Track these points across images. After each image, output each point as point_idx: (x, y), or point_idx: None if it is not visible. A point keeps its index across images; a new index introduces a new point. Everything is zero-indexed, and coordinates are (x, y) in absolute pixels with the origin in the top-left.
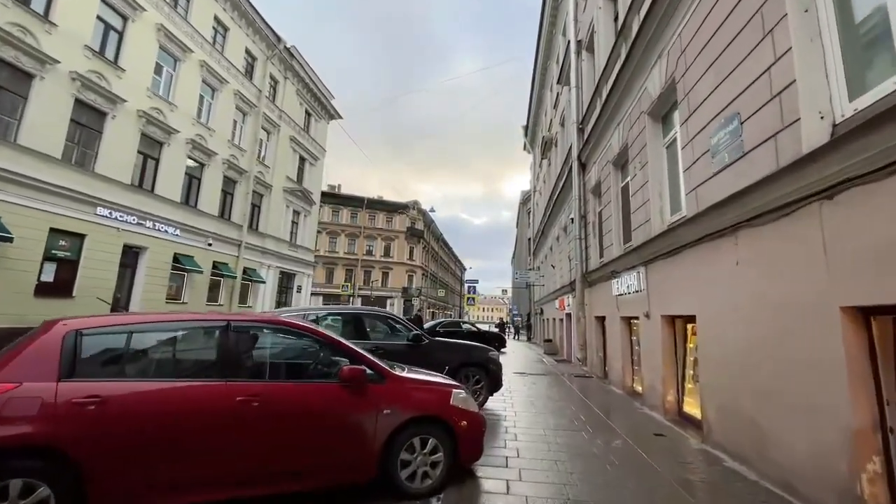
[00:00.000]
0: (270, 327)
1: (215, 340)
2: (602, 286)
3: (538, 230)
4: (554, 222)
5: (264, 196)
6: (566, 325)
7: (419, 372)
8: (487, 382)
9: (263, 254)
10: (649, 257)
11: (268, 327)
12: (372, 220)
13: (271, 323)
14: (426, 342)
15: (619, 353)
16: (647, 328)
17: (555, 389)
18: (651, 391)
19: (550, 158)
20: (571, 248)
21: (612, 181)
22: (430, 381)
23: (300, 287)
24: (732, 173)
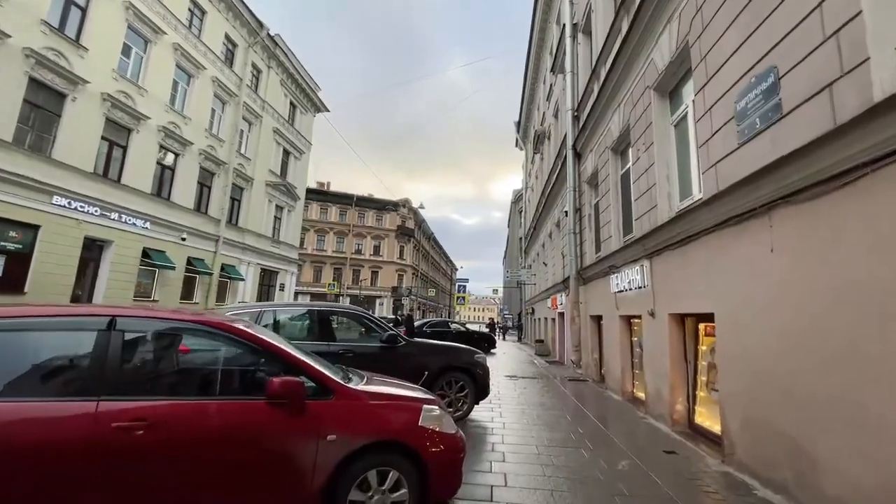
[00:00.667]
0: (174, 327)
1: (91, 343)
2: (598, 283)
3: (530, 228)
4: (546, 218)
5: (245, 190)
6: (559, 325)
7: (385, 382)
8: (473, 389)
9: (243, 250)
10: (654, 249)
11: (171, 327)
12: (361, 218)
13: (176, 321)
14: (403, 344)
15: (617, 356)
16: (652, 328)
17: (548, 395)
18: (656, 399)
19: (543, 153)
20: (564, 244)
21: (611, 168)
22: (395, 395)
23: (283, 285)
24: (767, 141)
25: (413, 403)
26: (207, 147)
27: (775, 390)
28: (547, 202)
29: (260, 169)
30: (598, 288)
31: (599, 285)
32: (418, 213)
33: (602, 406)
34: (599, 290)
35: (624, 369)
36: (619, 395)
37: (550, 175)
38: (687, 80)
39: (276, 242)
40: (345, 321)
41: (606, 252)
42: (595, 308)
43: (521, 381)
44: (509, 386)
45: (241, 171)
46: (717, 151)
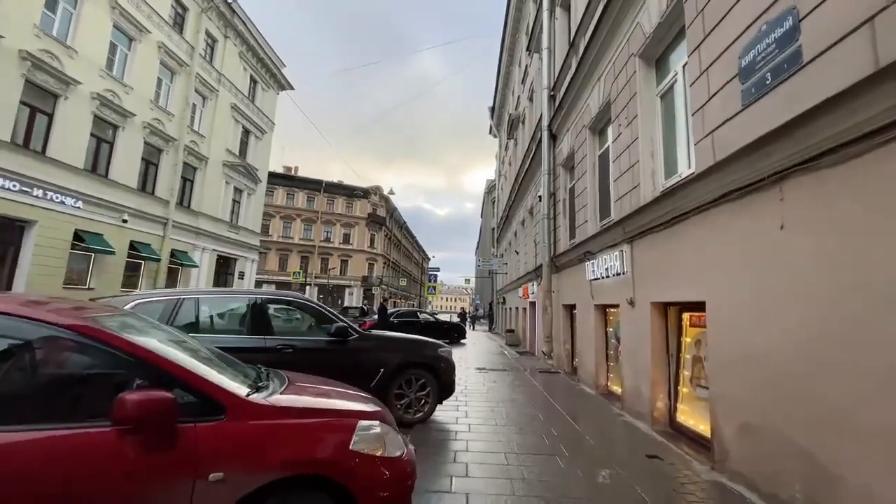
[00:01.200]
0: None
1: None
2: (572, 271)
3: (502, 216)
4: (519, 205)
5: (198, 169)
6: (529, 315)
7: (314, 388)
8: (436, 387)
9: (197, 235)
10: (636, 232)
11: None
12: (330, 204)
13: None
14: (355, 338)
15: (591, 347)
16: (631, 318)
17: (519, 390)
18: (634, 395)
19: (517, 138)
20: (537, 231)
21: (589, 149)
22: (320, 409)
23: (242, 273)
24: (780, 98)
25: (344, 420)
26: (153, 120)
27: (786, 393)
28: (520, 188)
29: (216, 147)
30: (572, 276)
31: (573, 273)
32: (390, 200)
33: (576, 402)
34: (573, 278)
35: (598, 362)
36: (593, 389)
37: (524, 160)
38: (677, 45)
39: (234, 227)
40: (286, 311)
41: (582, 238)
42: (568, 297)
43: (491, 374)
44: (478, 380)
45: (193, 148)
46: (714, 117)
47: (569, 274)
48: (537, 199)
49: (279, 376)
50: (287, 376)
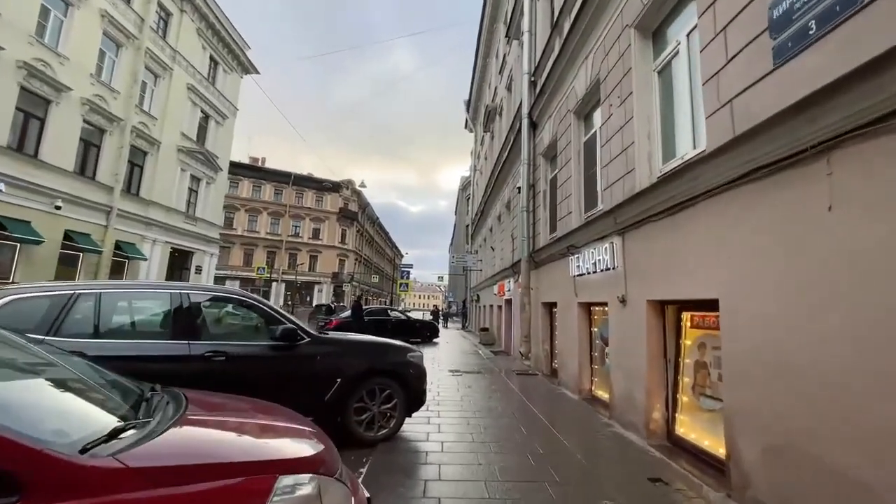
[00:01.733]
0: None
1: None
2: (553, 267)
3: (477, 212)
4: (495, 200)
5: (149, 154)
6: (505, 313)
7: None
8: (403, 399)
9: (147, 225)
10: (629, 222)
11: None
12: (299, 198)
13: None
14: (305, 342)
15: (574, 349)
16: (622, 318)
17: (496, 396)
18: (625, 403)
19: (494, 131)
20: (515, 226)
21: (574, 135)
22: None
23: (200, 268)
24: (829, 49)
25: (254, 479)
26: (94, 97)
27: (830, 410)
28: (497, 182)
29: (170, 131)
30: (553, 272)
31: (554, 269)
32: (362, 195)
33: (559, 410)
34: (554, 274)
35: (582, 365)
36: (576, 394)
37: (501, 152)
38: (679, 14)
39: (191, 219)
40: (220, 310)
41: (564, 231)
42: (548, 294)
43: (466, 378)
44: (451, 384)
45: (143, 131)
46: (733, 84)
47: (549, 270)
48: (515, 192)
49: (175, 402)
50: (186, 400)
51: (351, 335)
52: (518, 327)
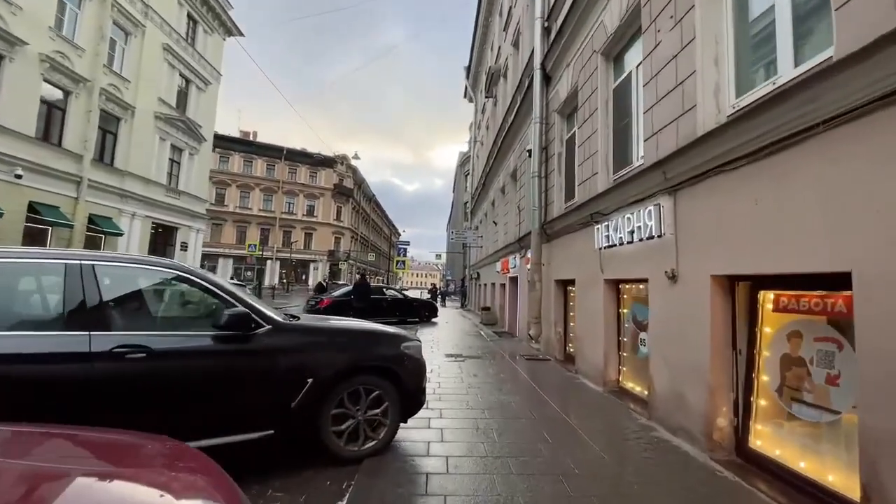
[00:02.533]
0: None
1: None
2: (570, 239)
3: (477, 186)
4: (498, 171)
5: (123, 120)
6: (509, 292)
7: None
8: (397, 402)
9: (123, 198)
10: (686, 177)
11: None
12: (293, 174)
13: None
14: (264, 331)
15: (597, 333)
16: (671, 297)
17: (507, 388)
18: (673, 404)
19: (497, 95)
20: (522, 196)
21: (601, 80)
22: None
23: (185, 244)
24: None
25: None
26: (55, 53)
27: None
28: (500, 150)
29: (145, 96)
30: (570, 245)
31: (571, 242)
32: (357, 171)
33: (584, 407)
34: (571, 247)
35: (608, 352)
36: (599, 385)
37: (506, 116)
38: None
39: (173, 192)
40: (142, 288)
41: (586, 197)
42: (563, 270)
43: (469, 364)
44: (454, 372)
45: (114, 94)
46: None
47: (564, 243)
48: (524, 157)
49: None
50: None
51: (332, 321)
52: (526, 307)
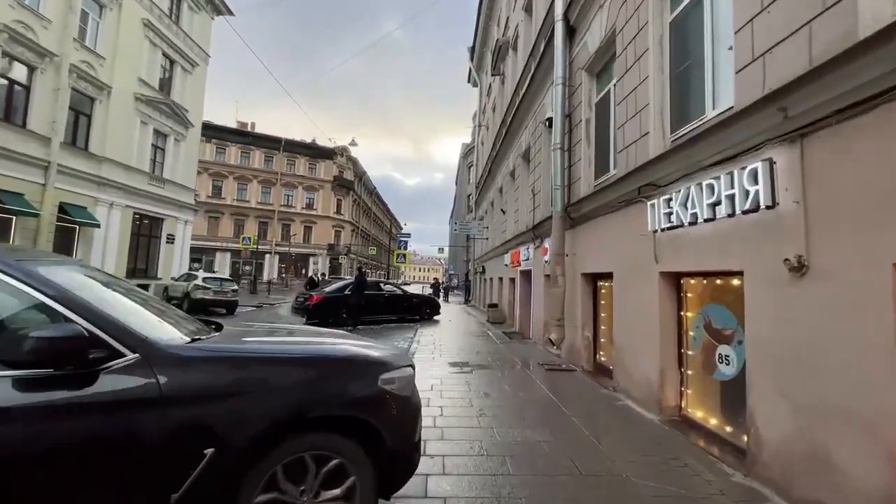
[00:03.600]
0: None
1: None
2: (603, 223)
3: (482, 175)
4: (507, 153)
5: (98, 101)
6: (520, 287)
7: None
8: (370, 473)
9: (99, 185)
10: (838, 107)
11: None
12: (291, 165)
13: None
14: (127, 365)
15: (649, 342)
16: (793, 299)
17: (531, 417)
18: (811, 470)
19: (505, 71)
20: (538, 177)
21: (652, 13)
22: None
23: (171, 236)
24: None
25: None
26: (15, 23)
27: None
28: (510, 129)
29: (123, 74)
30: (603, 230)
31: (606, 225)
32: (358, 163)
33: (646, 449)
34: (605, 232)
35: (665, 369)
36: (653, 412)
37: (517, 90)
38: None
39: (157, 180)
40: None
41: (631, 166)
42: (594, 262)
43: (479, 377)
44: (460, 389)
45: (87, 72)
46: None
47: (595, 228)
48: (541, 131)
49: None
50: None
51: (265, 341)
52: (543, 306)
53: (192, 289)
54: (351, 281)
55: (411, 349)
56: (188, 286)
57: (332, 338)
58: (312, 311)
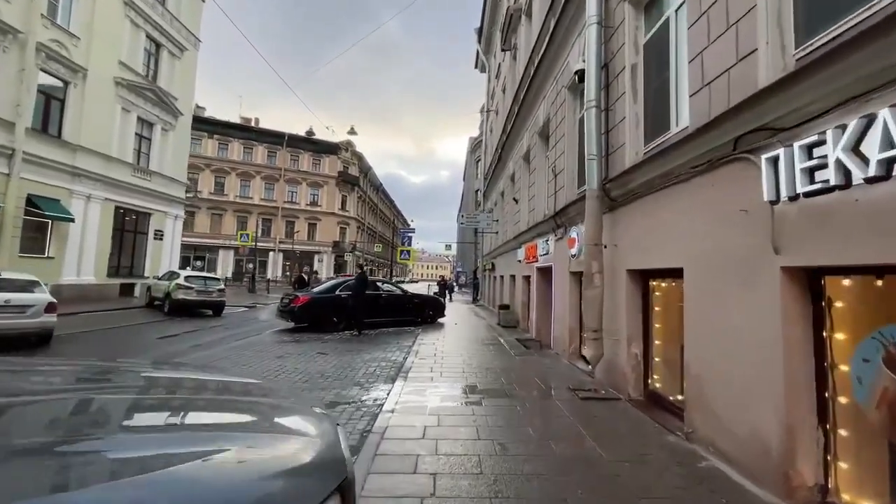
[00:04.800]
0: None
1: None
2: (660, 201)
3: (491, 161)
4: (520, 134)
5: (72, 85)
6: (536, 286)
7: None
8: None
9: (74, 176)
10: None
11: None
12: (295, 161)
13: None
14: None
15: (759, 377)
16: None
17: (573, 491)
18: None
19: (517, 43)
20: (560, 153)
21: None
22: None
23: (160, 232)
24: None
25: None
26: None
27: None
28: (525, 102)
29: (102, 57)
30: (661, 210)
31: (663, 204)
32: (363, 158)
33: None
34: (664, 213)
35: (796, 424)
36: (771, 491)
37: (534, 54)
38: None
39: (142, 172)
40: None
41: (715, 111)
42: (644, 255)
43: (487, 410)
44: (461, 435)
45: (58, 52)
46: None
47: (647, 209)
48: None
49: None
50: None
51: None
52: (566, 310)
53: (173, 288)
54: (344, 279)
55: (406, 364)
56: (169, 285)
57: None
58: (298, 313)
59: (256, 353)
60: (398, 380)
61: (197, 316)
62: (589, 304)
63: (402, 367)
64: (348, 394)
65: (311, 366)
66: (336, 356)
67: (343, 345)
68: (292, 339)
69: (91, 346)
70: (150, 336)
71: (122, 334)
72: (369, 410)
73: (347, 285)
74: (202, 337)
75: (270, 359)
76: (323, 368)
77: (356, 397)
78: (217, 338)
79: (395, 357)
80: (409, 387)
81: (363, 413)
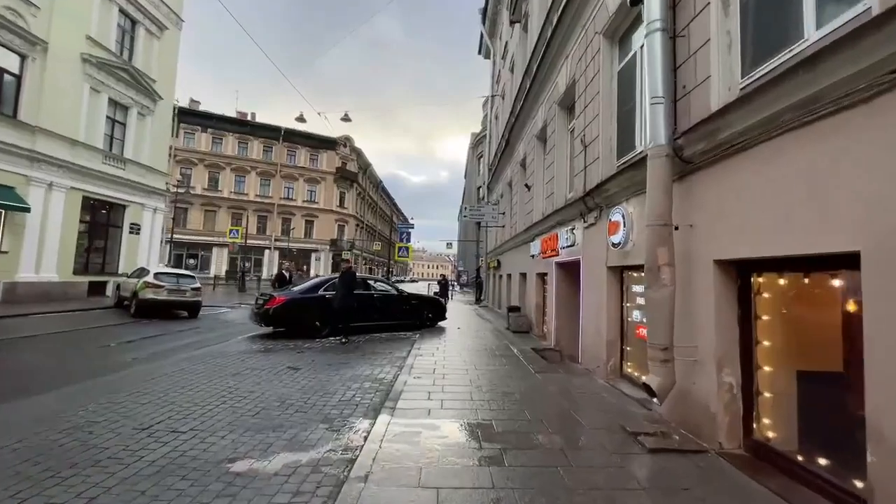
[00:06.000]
0: None
1: None
2: (787, 151)
3: (498, 149)
4: (534, 108)
5: (30, 59)
6: (557, 286)
7: None
8: None
9: (32, 161)
10: None
11: None
12: (291, 156)
13: None
14: None
15: None
16: None
17: None
18: None
19: (528, 10)
20: (591, 119)
21: None
22: None
23: (136, 225)
24: None
25: None
26: None
27: None
28: (541, 67)
29: (66, 30)
30: (787, 167)
31: (795, 157)
32: (362, 154)
33: None
34: (793, 170)
35: None
36: None
37: (550, 15)
38: None
39: (115, 160)
40: None
41: None
42: (748, 236)
43: (511, 477)
44: None
45: (12, 22)
46: None
47: (756, 167)
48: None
49: None
50: None
51: None
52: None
53: (141, 287)
54: (329, 277)
55: (397, 386)
56: (137, 283)
57: None
58: (273, 316)
59: (212, 367)
60: (383, 412)
61: (170, 318)
62: (654, 309)
63: (391, 392)
64: (307, 439)
65: (272, 387)
66: (310, 373)
67: (323, 356)
68: (263, 347)
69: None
70: (97, 343)
71: (60, 341)
72: (331, 476)
73: (333, 284)
74: (161, 344)
75: (224, 377)
76: (286, 392)
77: (317, 446)
78: (176, 345)
79: (384, 374)
80: (396, 425)
81: (319, 481)
